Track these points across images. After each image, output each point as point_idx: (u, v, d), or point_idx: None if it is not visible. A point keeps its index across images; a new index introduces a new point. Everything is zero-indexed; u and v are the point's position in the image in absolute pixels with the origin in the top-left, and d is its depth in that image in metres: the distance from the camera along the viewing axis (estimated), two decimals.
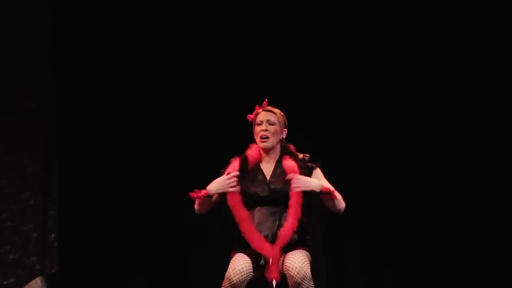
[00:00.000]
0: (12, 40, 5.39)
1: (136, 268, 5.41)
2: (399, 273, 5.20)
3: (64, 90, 5.48)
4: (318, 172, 3.98)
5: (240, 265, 3.72)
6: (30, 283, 5.24)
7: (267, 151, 4.00)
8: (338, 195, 3.87)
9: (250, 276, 3.73)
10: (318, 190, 3.80)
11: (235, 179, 3.86)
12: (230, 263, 3.77)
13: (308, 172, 3.94)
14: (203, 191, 3.85)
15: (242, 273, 3.69)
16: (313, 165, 3.97)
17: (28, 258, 5.26)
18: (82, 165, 5.48)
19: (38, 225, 5.30)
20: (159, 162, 5.46)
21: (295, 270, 3.67)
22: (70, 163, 5.47)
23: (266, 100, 4.04)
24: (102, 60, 5.50)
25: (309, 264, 3.76)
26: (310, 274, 3.71)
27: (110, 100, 5.50)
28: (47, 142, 5.41)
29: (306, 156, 4.00)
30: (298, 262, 3.71)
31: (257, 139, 4.00)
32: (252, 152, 4.03)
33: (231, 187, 3.84)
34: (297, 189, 3.79)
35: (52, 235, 5.32)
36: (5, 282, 5.23)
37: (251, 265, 3.75)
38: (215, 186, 3.88)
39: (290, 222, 3.79)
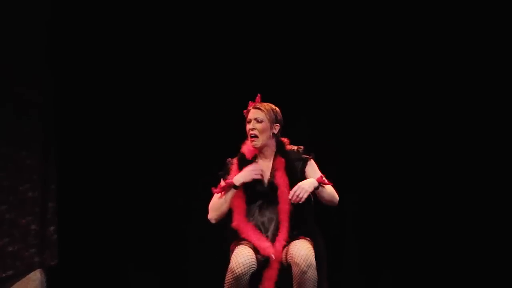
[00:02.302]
0: (10, 30, 5.28)
1: (135, 260, 5.47)
2: (397, 272, 5.37)
3: (63, 81, 5.42)
4: (312, 163, 4.00)
5: (242, 258, 3.70)
6: (29, 275, 5.19)
7: (259, 149, 4.01)
8: (330, 187, 3.90)
9: (253, 268, 3.72)
10: (316, 186, 3.81)
11: (260, 167, 3.94)
12: (232, 256, 3.74)
13: (303, 164, 3.99)
14: (228, 181, 3.88)
15: (245, 266, 3.68)
16: (308, 156, 3.99)
17: (27, 251, 5.18)
18: (81, 157, 5.45)
19: (37, 218, 5.22)
20: (158, 154, 5.52)
21: (301, 258, 3.67)
22: (69, 155, 5.43)
23: (259, 95, 4.01)
24: (102, 52, 5.48)
25: (313, 253, 3.75)
26: (315, 263, 3.71)
27: (109, 93, 5.49)
28: (46, 133, 5.34)
29: (300, 148, 4.02)
30: (303, 250, 3.71)
31: (248, 138, 4.00)
32: (247, 147, 4.04)
33: (256, 174, 3.90)
34: (302, 199, 3.77)
35: (51, 228, 5.26)
36: (4, 275, 5.15)
37: (254, 257, 3.74)
38: (241, 175, 3.90)
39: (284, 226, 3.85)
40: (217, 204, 3.94)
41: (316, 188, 3.83)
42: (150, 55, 5.53)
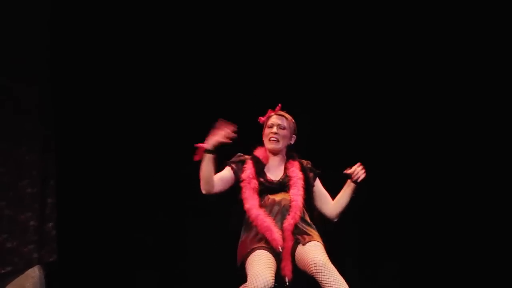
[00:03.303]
0: (11, 28, 5.23)
1: (135, 256, 5.46)
2: (396, 272, 5.42)
3: (63, 78, 5.39)
4: (318, 180, 4.20)
5: (261, 281, 3.68)
6: (27, 271, 5.12)
7: (274, 153, 4.14)
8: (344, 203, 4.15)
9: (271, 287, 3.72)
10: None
11: (231, 128, 3.95)
12: (251, 275, 3.73)
13: (314, 175, 4.18)
14: (200, 145, 3.91)
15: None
16: (317, 171, 4.19)
17: (26, 247, 5.10)
18: (81, 153, 5.44)
19: (36, 214, 5.14)
20: (157, 150, 5.53)
21: (319, 265, 3.74)
22: (69, 150, 5.40)
23: (280, 105, 4.18)
24: (103, 49, 5.48)
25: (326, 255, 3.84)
26: (332, 265, 3.77)
27: (109, 89, 5.49)
28: (45, 129, 5.27)
29: (309, 163, 4.21)
30: (319, 255, 3.78)
31: (266, 140, 4.15)
32: (258, 153, 4.17)
33: (226, 136, 3.91)
34: (361, 177, 4.02)
35: (50, 224, 5.19)
36: (3, 271, 5.09)
37: (273, 277, 3.74)
38: (212, 137, 3.93)
39: (294, 211, 3.97)
40: (201, 174, 3.96)
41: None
42: (149, 53, 5.52)
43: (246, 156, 4.16)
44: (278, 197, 4.02)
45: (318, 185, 4.18)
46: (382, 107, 5.47)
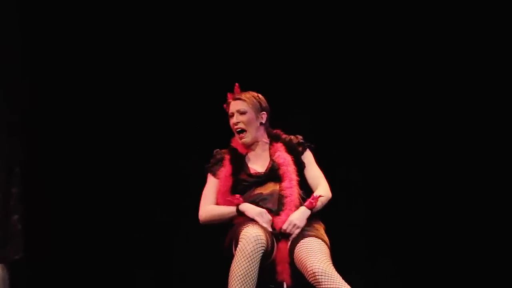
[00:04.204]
0: None
1: (110, 253, 5.04)
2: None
3: (31, 61, 4.97)
4: (309, 154, 3.89)
5: (253, 234, 3.42)
6: None
7: (250, 144, 3.86)
8: (322, 197, 3.79)
9: (264, 246, 3.45)
10: (309, 214, 3.70)
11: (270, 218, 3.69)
12: (241, 235, 3.46)
13: (303, 149, 3.87)
14: (236, 200, 3.69)
15: (257, 241, 3.41)
16: (307, 144, 3.90)
17: None
18: (49, 136, 5.00)
19: None
20: (134, 138, 5.15)
21: (321, 275, 3.46)
22: (36, 133, 4.95)
23: (237, 84, 3.87)
24: (73, 35, 5.10)
25: (330, 260, 3.58)
26: (334, 270, 3.50)
27: (79, 74, 5.10)
28: (9, 113, 4.79)
29: (299, 137, 3.91)
30: (317, 262, 3.51)
31: (235, 134, 3.86)
32: (236, 143, 3.90)
33: (265, 223, 3.64)
34: (293, 235, 3.66)
35: (15, 217, 4.75)
36: None
37: (264, 234, 3.48)
38: (251, 210, 3.66)
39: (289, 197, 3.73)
40: (214, 217, 3.79)
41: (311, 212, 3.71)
42: (125, 42, 5.15)
43: (223, 151, 3.88)
44: (266, 190, 3.74)
45: (308, 164, 3.85)
46: (381, 106, 5.31)
